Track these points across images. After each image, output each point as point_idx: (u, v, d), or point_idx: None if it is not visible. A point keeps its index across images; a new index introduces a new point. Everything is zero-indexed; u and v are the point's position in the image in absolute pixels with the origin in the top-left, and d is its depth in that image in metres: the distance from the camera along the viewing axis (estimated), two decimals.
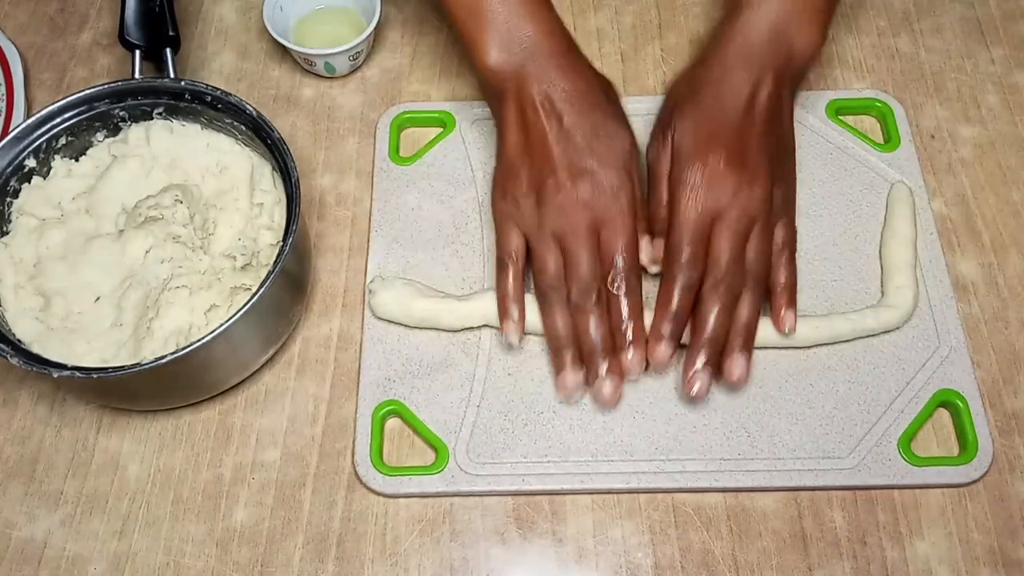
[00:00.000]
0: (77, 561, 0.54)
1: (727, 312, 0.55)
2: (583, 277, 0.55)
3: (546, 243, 0.57)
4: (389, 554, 0.54)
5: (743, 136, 0.57)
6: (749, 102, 0.58)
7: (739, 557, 0.53)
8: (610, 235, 0.56)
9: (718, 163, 0.56)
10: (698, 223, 0.56)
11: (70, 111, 0.60)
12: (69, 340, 0.55)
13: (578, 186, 0.56)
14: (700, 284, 0.56)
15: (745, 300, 0.56)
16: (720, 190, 0.56)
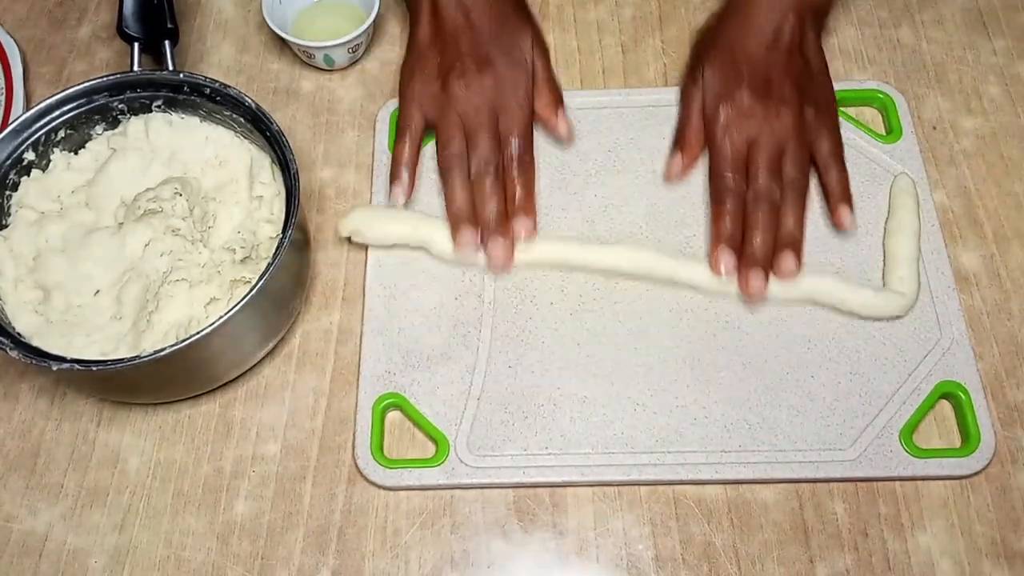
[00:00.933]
0: (78, 554, 0.54)
1: (770, 223, 0.59)
2: (483, 153, 0.61)
3: (451, 121, 0.62)
4: (390, 547, 0.54)
5: (767, 68, 0.62)
6: (772, 37, 0.63)
7: (740, 549, 0.53)
8: (507, 122, 0.62)
9: (744, 97, 0.62)
10: (735, 153, 0.61)
11: (69, 104, 0.60)
12: (69, 333, 0.55)
13: (482, 73, 0.62)
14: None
15: (787, 210, 0.60)
16: (749, 121, 0.61)
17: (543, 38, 0.67)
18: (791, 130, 0.61)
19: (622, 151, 0.66)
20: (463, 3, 0.64)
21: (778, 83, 0.62)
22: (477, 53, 0.63)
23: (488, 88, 0.62)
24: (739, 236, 0.60)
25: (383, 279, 0.62)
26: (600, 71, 0.71)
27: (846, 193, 0.61)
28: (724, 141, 0.62)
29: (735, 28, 0.64)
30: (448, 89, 0.62)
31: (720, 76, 0.63)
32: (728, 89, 0.62)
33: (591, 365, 0.58)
